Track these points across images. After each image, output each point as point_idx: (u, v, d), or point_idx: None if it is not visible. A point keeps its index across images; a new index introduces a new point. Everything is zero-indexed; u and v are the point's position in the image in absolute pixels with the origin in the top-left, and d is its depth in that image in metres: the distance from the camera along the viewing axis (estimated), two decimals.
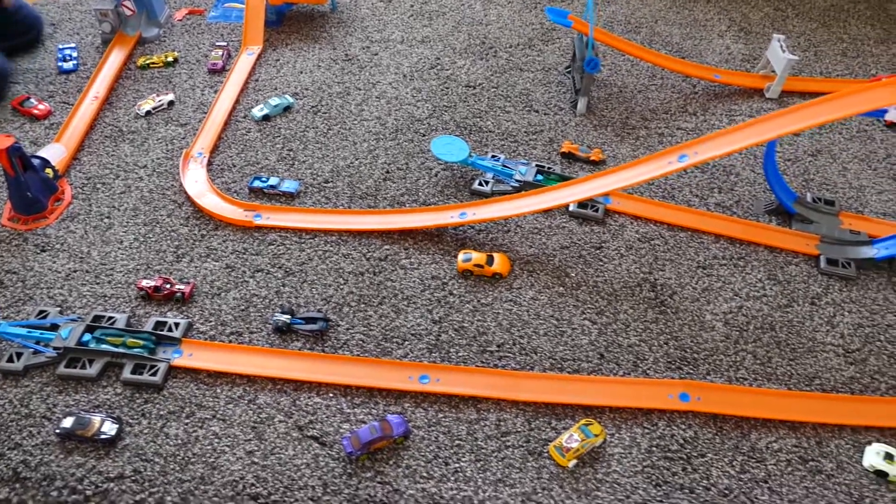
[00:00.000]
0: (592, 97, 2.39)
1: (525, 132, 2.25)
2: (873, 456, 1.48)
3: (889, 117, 2.31)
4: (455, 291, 1.80)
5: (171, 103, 2.30)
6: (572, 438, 1.49)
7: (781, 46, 2.34)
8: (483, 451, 1.51)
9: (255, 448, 1.50)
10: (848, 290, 1.83)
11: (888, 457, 1.47)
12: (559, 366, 1.65)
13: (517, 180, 2.04)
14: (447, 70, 2.48)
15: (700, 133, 2.23)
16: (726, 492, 1.45)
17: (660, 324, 1.74)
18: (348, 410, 1.57)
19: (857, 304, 1.79)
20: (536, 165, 2.09)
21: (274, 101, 2.28)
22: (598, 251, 1.90)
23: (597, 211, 1.98)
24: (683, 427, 1.54)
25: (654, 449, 1.50)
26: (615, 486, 1.45)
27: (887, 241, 1.87)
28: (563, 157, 2.17)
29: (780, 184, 1.97)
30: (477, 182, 2.06)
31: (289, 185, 2.03)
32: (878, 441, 1.53)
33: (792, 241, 1.93)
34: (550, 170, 2.08)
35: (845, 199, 2.07)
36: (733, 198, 2.06)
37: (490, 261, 1.82)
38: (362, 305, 1.77)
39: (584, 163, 2.15)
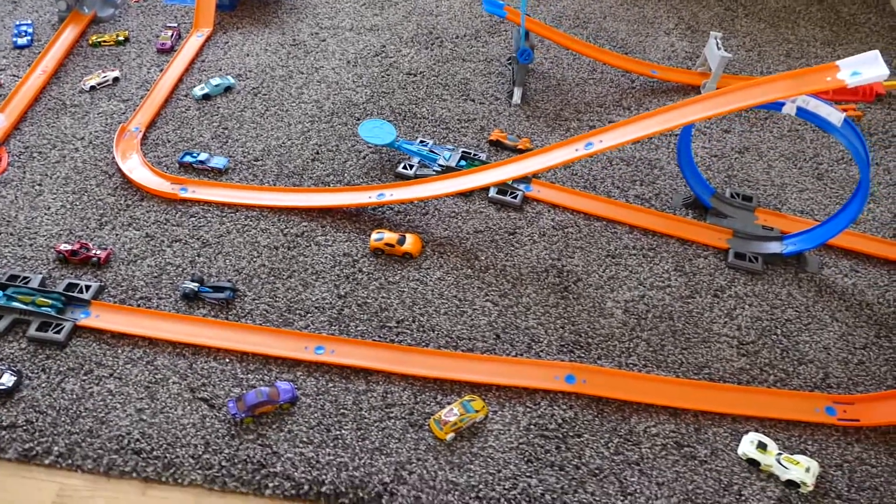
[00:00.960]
0: (530, 88, 2.42)
1: (458, 120, 2.28)
2: (747, 445, 1.50)
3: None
4: (364, 269, 1.84)
5: (116, 80, 2.35)
6: (452, 412, 1.53)
7: (717, 44, 2.36)
8: (366, 420, 1.54)
9: (146, 406, 1.54)
10: (753, 283, 1.85)
11: (761, 446, 1.49)
12: (454, 344, 1.69)
13: (440, 165, 2.08)
14: (391, 58, 2.52)
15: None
16: (596, 471, 1.48)
17: (560, 308, 1.77)
18: (242, 376, 1.61)
19: (760, 297, 1.82)
20: (462, 151, 2.13)
21: (215, 80, 2.33)
22: (511, 237, 1.94)
23: (515, 198, 2.01)
24: (565, 408, 1.57)
25: (533, 427, 1.53)
26: (488, 460, 1.48)
27: (796, 237, 1.89)
28: (491, 145, 2.20)
29: (696, 177, 1.99)
30: (402, 165, 2.09)
31: (217, 162, 2.07)
32: (757, 431, 1.55)
33: (704, 234, 1.95)
34: (475, 156, 2.11)
35: (765, 195, 2.09)
36: (654, 190, 2.09)
37: (402, 241, 1.86)
38: (272, 278, 1.81)
39: (512, 151, 2.18)
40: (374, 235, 1.87)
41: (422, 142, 2.16)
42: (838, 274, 1.89)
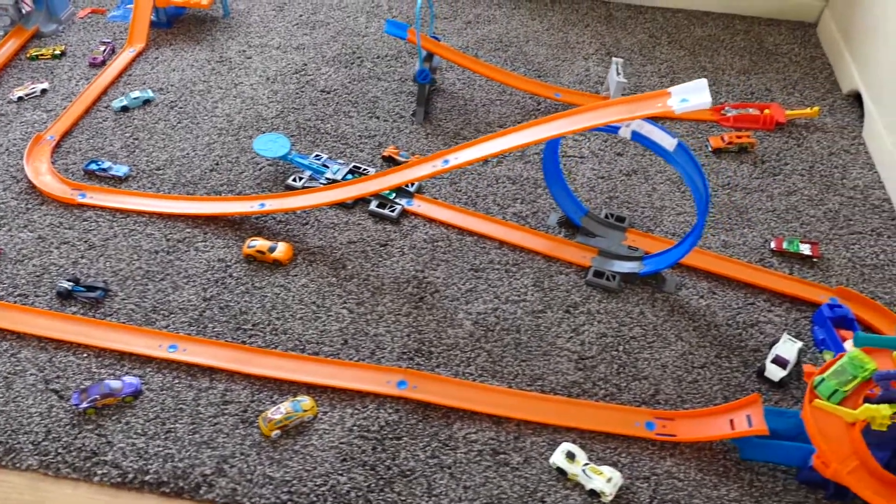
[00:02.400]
0: (437, 107, 2.51)
1: (359, 136, 2.38)
2: (559, 454, 1.55)
3: (714, 143, 2.38)
4: (235, 274, 1.93)
5: (44, 91, 2.50)
6: (278, 411, 1.60)
7: (617, 69, 2.43)
8: (201, 416, 1.63)
9: (0, 395, 1.65)
10: (607, 301, 1.90)
11: (570, 456, 1.54)
12: (301, 347, 1.77)
13: (327, 178, 2.17)
14: (309, 76, 2.63)
15: (533, 147, 2.34)
16: (408, 472, 1.54)
17: (411, 318, 1.84)
18: (96, 370, 1.71)
19: (611, 315, 1.87)
20: (353, 166, 2.22)
21: (135, 94, 2.46)
22: (382, 248, 2.02)
23: (393, 211, 2.09)
24: (391, 411, 1.64)
25: (355, 428, 1.61)
26: (307, 457, 1.56)
27: (653, 258, 1.94)
28: (384, 161, 2.29)
29: (567, 196, 2.05)
30: (292, 178, 2.19)
31: (118, 170, 2.19)
32: (575, 442, 1.60)
33: (570, 252, 2.01)
34: (364, 171, 2.20)
35: (642, 217, 2.14)
36: (532, 209, 2.15)
37: (273, 248, 1.95)
38: (145, 280, 1.91)
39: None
40: (249, 243, 1.97)
41: (317, 156, 2.26)
42: (695, 295, 1.93)
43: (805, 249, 2.02)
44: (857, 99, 2.57)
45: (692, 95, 1.62)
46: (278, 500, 1.49)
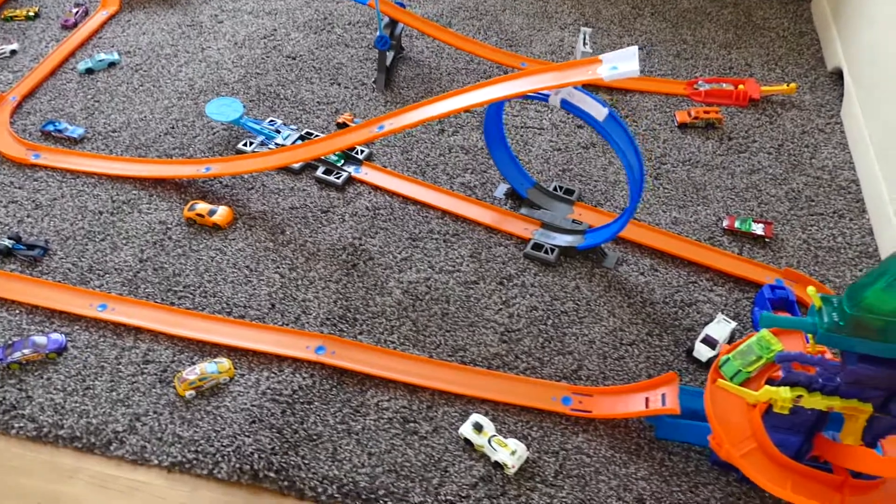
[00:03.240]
0: (400, 75, 2.48)
1: (318, 102, 2.36)
2: (467, 425, 1.54)
3: (680, 118, 2.31)
4: (174, 236, 1.94)
5: (13, 52, 2.52)
6: (193, 371, 1.61)
7: (584, 39, 2.36)
8: (120, 374, 1.65)
9: None
10: (543, 274, 1.87)
11: (477, 427, 1.52)
12: (229, 310, 1.77)
13: (276, 143, 2.16)
14: (278, 41, 2.61)
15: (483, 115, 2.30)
16: (314, 437, 1.54)
17: (341, 284, 1.83)
18: (26, 326, 1.74)
19: (545, 288, 1.83)
20: (306, 132, 2.21)
21: (100, 56, 2.47)
22: (323, 215, 2.01)
23: (339, 178, 2.08)
24: (306, 376, 1.64)
25: (269, 392, 1.61)
26: (218, 418, 1.57)
27: (593, 232, 1.90)
28: (338, 127, 2.27)
29: (513, 167, 2.01)
30: (243, 143, 2.19)
31: (74, 131, 2.21)
32: (488, 414, 1.58)
33: (513, 224, 1.98)
34: (314, 136, 2.18)
35: (593, 192, 2.09)
36: (482, 179, 2.12)
37: (212, 212, 1.95)
38: (86, 240, 1.93)
39: None
40: (190, 206, 1.97)
41: (271, 121, 2.25)
42: (636, 271, 1.88)
43: (758, 229, 1.96)
44: (840, 77, 2.47)
45: (622, 63, 1.57)
46: (184, 459, 1.51)
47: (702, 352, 1.67)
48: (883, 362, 1.24)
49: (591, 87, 2.38)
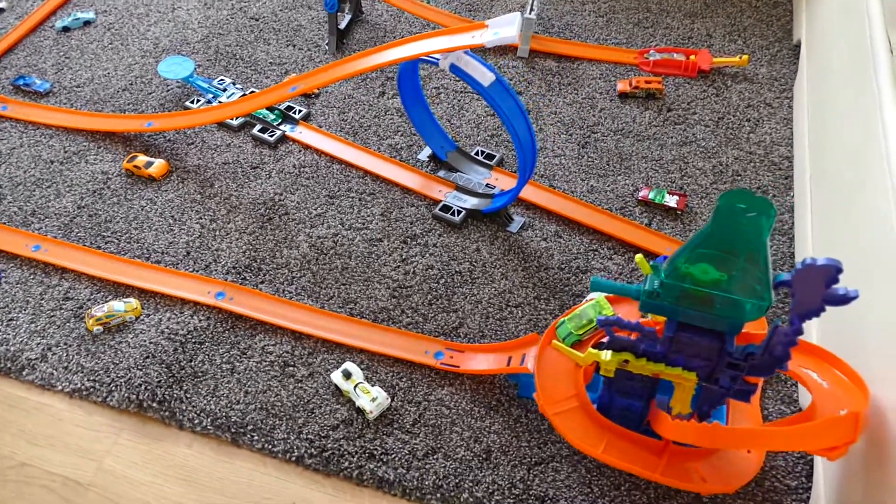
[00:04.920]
0: (356, 39, 2.54)
1: (270, 63, 2.45)
2: (337, 372, 1.63)
3: (620, 87, 2.31)
4: (112, 186, 2.09)
5: (1, 10, 2.70)
6: (101, 309, 1.76)
7: (531, 6, 2.38)
8: (41, 308, 1.80)
9: None
10: (448, 235, 1.93)
11: (346, 374, 1.62)
12: (147, 255, 1.91)
13: (220, 102, 2.27)
14: (244, 2, 2.71)
15: (430, 79, 2.35)
16: (199, 374, 1.66)
17: (254, 237, 1.94)
18: None
19: (445, 249, 1.90)
20: (250, 92, 2.31)
21: (76, 15, 2.62)
22: (252, 171, 2.11)
23: (272, 136, 2.17)
24: (203, 318, 1.76)
25: (167, 331, 1.74)
26: (118, 352, 1.71)
27: (499, 196, 1.94)
28: None
29: (433, 129, 2.06)
30: (191, 100, 2.31)
31: (41, 85, 2.37)
32: (363, 363, 1.67)
33: (429, 186, 2.04)
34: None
35: (514, 157, 2.12)
36: (410, 142, 2.18)
37: (149, 164, 2.09)
38: (34, 187, 2.09)
39: (301, 95, 2.32)
40: (130, 158, 2.11)
41: (220, 80, 2.36)
42: (539, 237, 1.92)
43: (671, 201, 1.97)
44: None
45: (502, 29, 1.60)
46: (83, 387, 1.65)
47: None
48: (701, 332, 1.26)
49: (539, 55, 2.40)
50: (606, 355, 1.31)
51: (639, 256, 1.30)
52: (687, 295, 1.23)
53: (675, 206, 1.96)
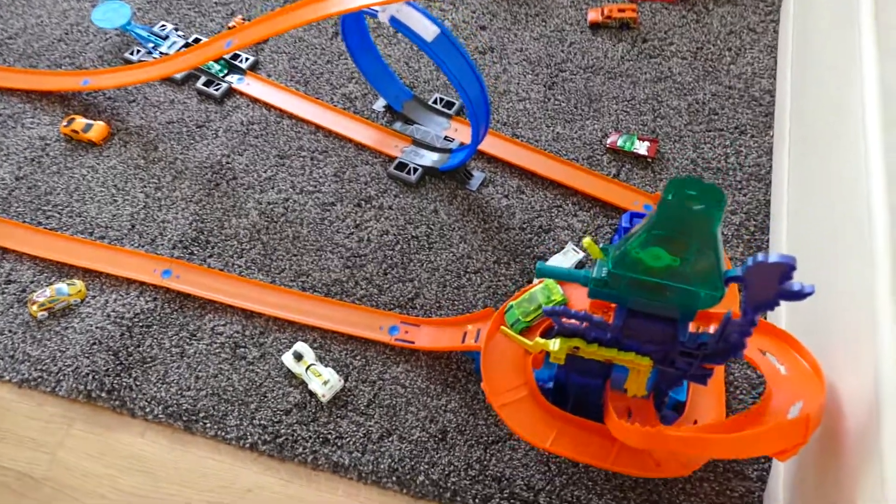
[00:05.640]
0: None
1: (214, 3, 2.27)
2: (288, 354, 1.58)
3: (592, 17, 2.13)
4: (52, 153, 1.97)
5: None
6: (43, 293, 1.69)
7: None
8: None
9: None
10: (404, 196, 1.83)
11: (297, 356, 1.56)
12: (90, 230, 1.82)
13: (161, 53, 2.11)
14: None
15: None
16: (148, 359, 1.61)
17: (200, 205, 1.84)
18: None
19: (401, 212, 1.80)
20: (195, 39, 2.14)
21: None
22: (198, 130, 1.99)
23: (218, 90, 2.03)
24: (149, 299, 1.69)
25: (112, 314, 1.68)
26: (64, 339, 1.65)
27: (456, 152, 1.83)
28: None
29: (384, 77, 1.92)
30: (130, 52, 2.15)
31: None
32: (316, 341, 1.61)
33: (385, 140, 1.92)
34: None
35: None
36: (365, 90, 2.04)
37: (87, 128, 1.96)
38: None
39: None
40: (67, 121, 1.98)
41: (161, 26, 2.19)
42: (500, 194, 1.82)
43: (641, 148, 1.85)
44: None
45: None
46: (30, 377, 1.61)
47: None
48: (653, 318, 1.19)
49: None
50: (555, 344, 1.24)
51: (587, 240, 1.20)
52: (638, 283, 1.15)
53: (646, 153, 1.84)
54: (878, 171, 1.20)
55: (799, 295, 1.03)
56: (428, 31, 1.50)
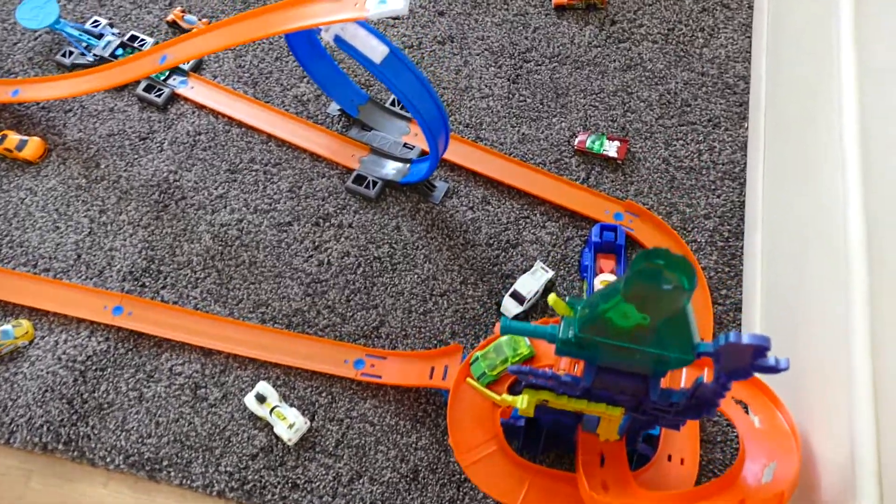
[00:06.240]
0: None
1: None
2: (250, 395, 1.52)
3: None
4: None
5: None
6: None
7: None
8: None
9: None
10: (364, 212, 1.74)
11: (260, 398, 1.51)
12: (34, 262, 1.72)
13: (95, 55, 1.96)
14: None
15: None
16: (105, 406, 1.56)
17: (149, 230, 1.74)
18: None
19: (362, 230, 1.72)
20: (131, 36, 1.99)
21: None
22: (141, 143, 1.86)
23: (160, 96, 1.89)
24: (101, 340, 1.61)
25: (63, 357, 1.60)
26: (14, 385, 1.58)
27: (416, 164, 1.73)
28: (169, 27, 2.03)
29: (340, 81, 1.80)
30: (62, 52, 1.99)
31: None
32: (278, 378, 1.56)
33: (341, 150, 1.81)
34: (141, 42, 1.97)
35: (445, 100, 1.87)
36: (317, 91, 1.91)
37: (21, 145, 1.83)
38: None
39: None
40: None
41: (94, 22, 2.02)
42: (465, 206, 1.74)
43: (610, 149, 1.76)
44: None
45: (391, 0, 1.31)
46: None
47: (510, 308, 1.58)
48: (623, 374, 1.15)
49: None
50: (523, 402, 1.20)
51: (552, 297, 1.14)
52: (606, 346, 1.10)
53: (616, 155, 1.75)
54: (853, 178, 1.14)
55: (773, 370, 0.99)
56: (376, 51, 1.39)
